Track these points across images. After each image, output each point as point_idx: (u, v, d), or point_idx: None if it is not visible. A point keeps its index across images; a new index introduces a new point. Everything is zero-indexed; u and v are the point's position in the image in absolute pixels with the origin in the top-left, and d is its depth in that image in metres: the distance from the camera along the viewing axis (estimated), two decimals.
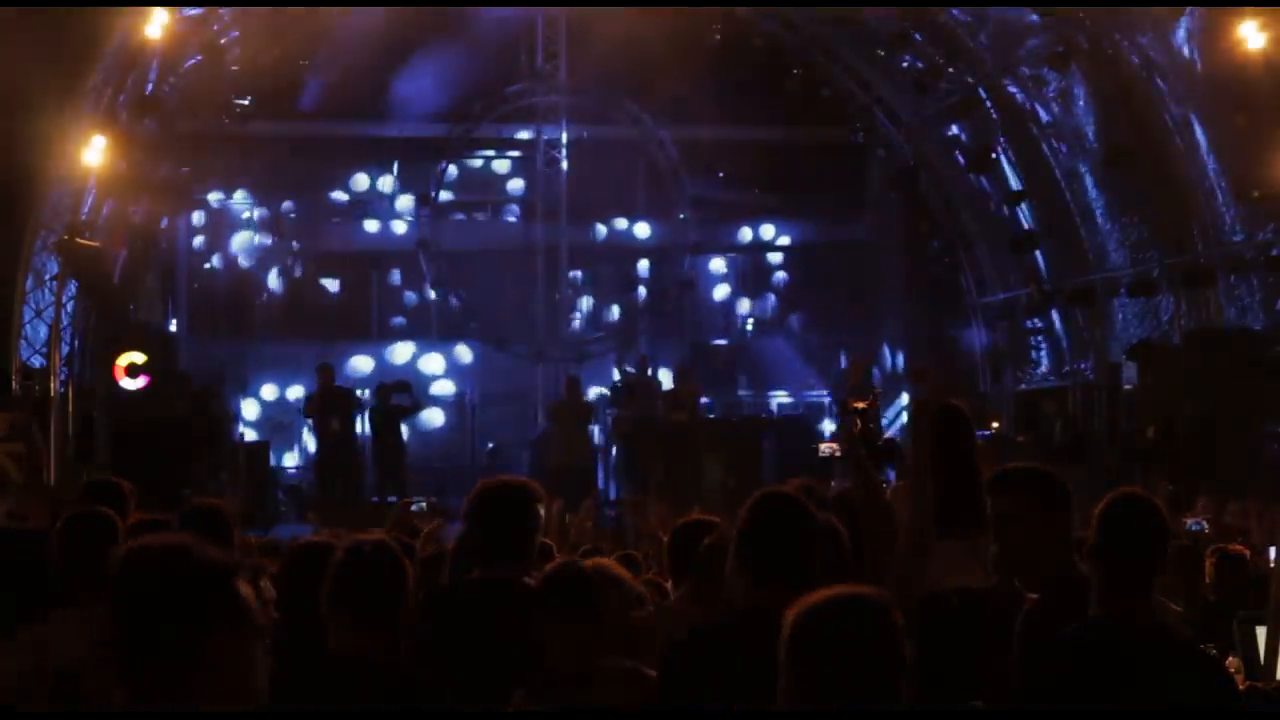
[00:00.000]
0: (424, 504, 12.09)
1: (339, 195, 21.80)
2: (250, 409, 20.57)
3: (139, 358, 16.32)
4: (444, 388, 21.17)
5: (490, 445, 20.14)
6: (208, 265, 21.45)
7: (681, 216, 21.43)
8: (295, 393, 20.62)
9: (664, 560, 6.21)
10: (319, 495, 17.86)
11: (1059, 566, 4.25)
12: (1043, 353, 20.30)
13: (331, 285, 21.85)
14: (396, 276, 21.93)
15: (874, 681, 2.95)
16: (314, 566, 4.45)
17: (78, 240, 15.68)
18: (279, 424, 20.36)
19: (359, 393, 18.80)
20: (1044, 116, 18.54)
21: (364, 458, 18.43)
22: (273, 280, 21.54)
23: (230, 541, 5.39)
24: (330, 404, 18.08)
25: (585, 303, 22.29)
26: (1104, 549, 3.90)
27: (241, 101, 18.51)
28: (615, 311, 22.34)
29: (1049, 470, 4.44)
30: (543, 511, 5.16)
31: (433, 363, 21.37)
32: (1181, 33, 15.54)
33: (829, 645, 2.94)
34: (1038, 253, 19.53)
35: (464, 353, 21.38)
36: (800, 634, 2.98)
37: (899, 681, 2.97)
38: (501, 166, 22.37)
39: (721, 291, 22.57)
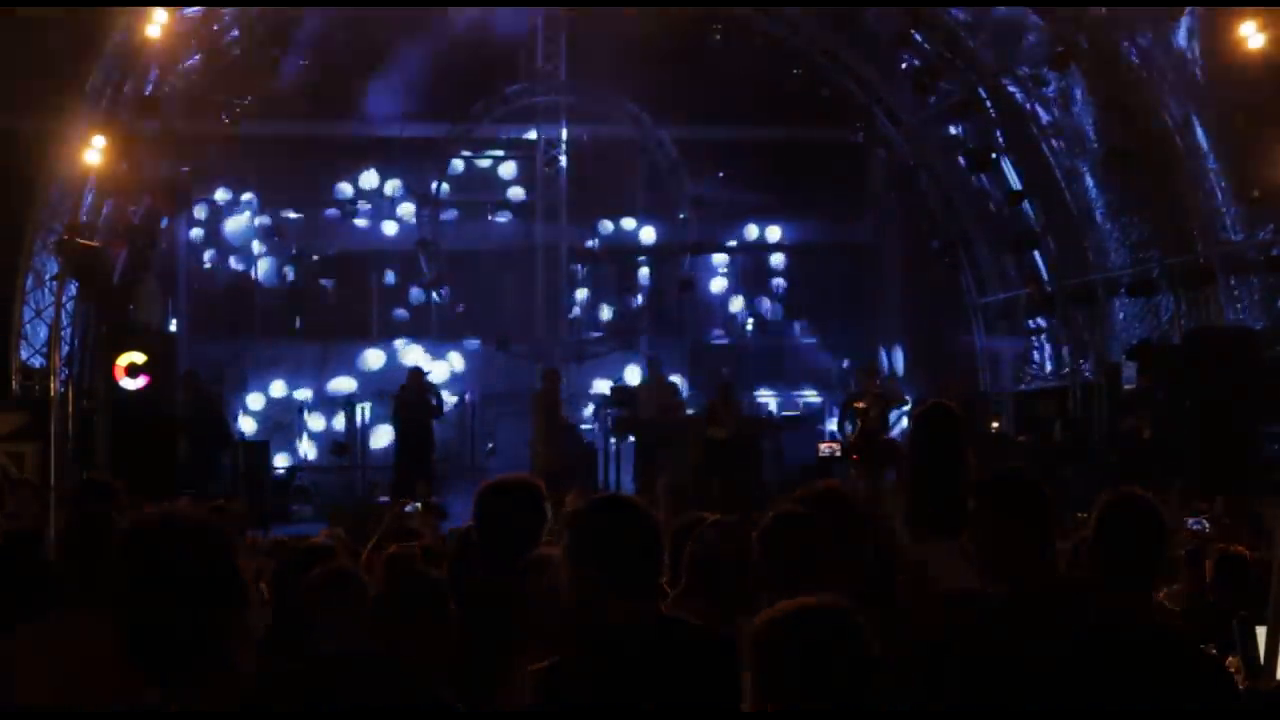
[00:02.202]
0: (418, 504, 12.09)
1: (339, 195, 21.78)
2: (250, 409, 20.56)
3: (139, 358, 16.29)
4: (443, 387, 21.12)
5: (490, 445, 20.11)
6: (208, 265, 21.43)
7: (681, 216, 21.41)
8: (297, 393, 20.65)
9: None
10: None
11: (1033, 571, 4.27)
12: (1043, 353, 20.29)
13: (331, 285, 21.82)
14: (396, 276, 21.90)
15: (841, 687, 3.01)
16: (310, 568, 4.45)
17: (78, 240, 15.68)
18: (279, 424, 20.34)
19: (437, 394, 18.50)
20: (1044, 116, 18.54)
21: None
22: (273, 280, 21.52)
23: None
24: (422, 406, 17.98)
25: (585, 303, 22.26)
26: (1103, 549, 3.90)
27: (241, 101, 18.49)
28: (615, 311, 22.32)
29: (1033, 479, 4.42)
30: (549, 510, 5.13)
31: (432, 362, 21.33)
32: (1181, 33, 15.55)
33: (795, 653, 3.02)
34: (1038, 253, 19.53)
35: (464, 352, 21.35)
36: (768, 643, 3.04)
37: (866, 685, 3.04)
38: (502, 166, 22.35)
39: (722, 291, 22.55)
